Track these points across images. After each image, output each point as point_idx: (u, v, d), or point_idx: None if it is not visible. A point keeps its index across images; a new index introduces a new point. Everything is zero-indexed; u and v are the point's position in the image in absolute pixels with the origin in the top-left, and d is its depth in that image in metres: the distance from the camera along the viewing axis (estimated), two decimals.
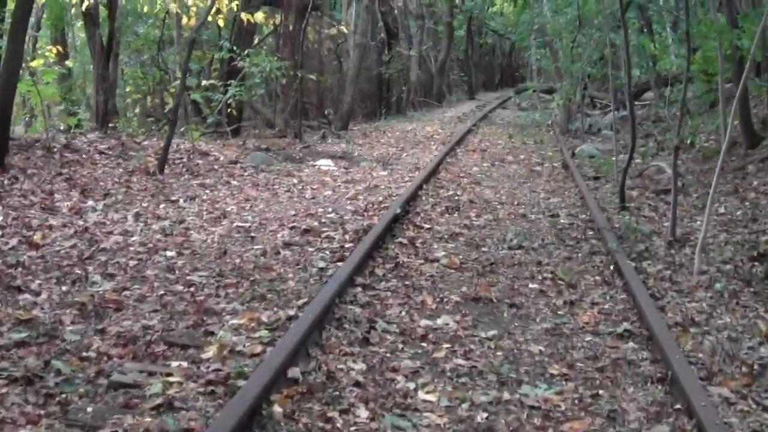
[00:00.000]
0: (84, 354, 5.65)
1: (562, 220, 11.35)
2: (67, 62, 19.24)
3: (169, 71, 22.69)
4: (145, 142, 15.90)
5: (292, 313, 6.54)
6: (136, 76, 21.35)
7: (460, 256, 9.05)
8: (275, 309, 6.75)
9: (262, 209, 11.15)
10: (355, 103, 27.87)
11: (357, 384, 5.41)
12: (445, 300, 7.46)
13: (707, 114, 22.08)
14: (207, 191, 12.37)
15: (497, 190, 13.91)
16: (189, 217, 10.45)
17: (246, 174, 14.28)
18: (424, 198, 12.32)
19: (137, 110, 22.36)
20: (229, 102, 18.46)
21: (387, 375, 5.62)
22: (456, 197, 12.72)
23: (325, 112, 23.37)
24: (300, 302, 6.87)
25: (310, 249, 8.88)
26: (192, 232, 9.63)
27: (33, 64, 15.72)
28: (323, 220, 10.30)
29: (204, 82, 18.54)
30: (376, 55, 30.47)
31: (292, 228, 9.88)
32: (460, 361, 5.99)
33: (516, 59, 61.34)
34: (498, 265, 8.81)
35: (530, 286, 8.11)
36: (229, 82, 18.42)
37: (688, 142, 12.94)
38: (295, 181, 13.87)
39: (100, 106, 19.31)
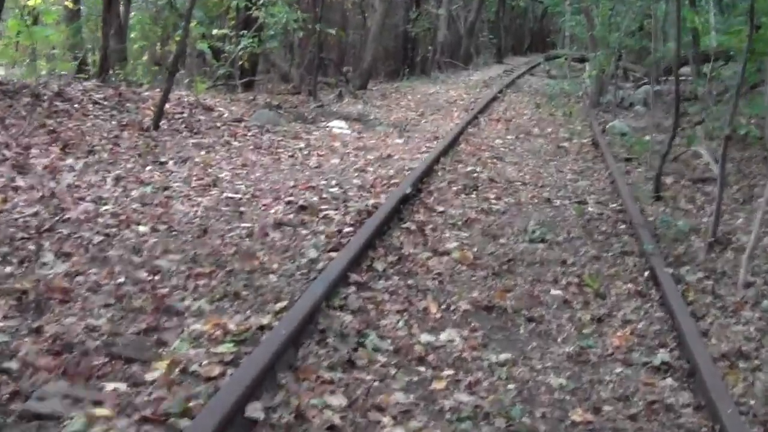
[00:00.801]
0: (4, 365, 4.57)
1: (590, 209, 10.23)
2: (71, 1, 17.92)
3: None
4: (146, 93, 14.79)
5: (265, 321, 5.46)
6: (143, 20, 20.10)
7: (475, 249, 7.96)
8: (248, 313, 5.69)
9: (259, 177, 10.07)
10: (378, 61, 26.69)
11: (332, 428, 4.32)
12: (453, 308, 6.37)
13: (747, 96, 20.84)
14: (202, 152, 11.28)
15: (521, 167, 12.76)
16: (175, 183, 9.38)
17: (249, 134, 13.18)
18: (440, 174, 11.20)
19: (145, 57, 21.16)
20: (241, 54, 17.28)
21: (371, 415, 4.53)
22: (475, 174, 11.59)
23: (344, 69, 22.15)
24: (278, 306, 5.79)
25: (304, 232, 7.80)
26: (175, 201, 8.56)
27: (31, 2, 14.53)
28: (324, 195, 9.21)
29: (215, 31, 17.36)
30: (402, 11, 29.20)
31: (288, 203, 8.81)
32: (463, 397, 4.90)
33: (548, 24, 59.64)
34: (517, 263, 7.71)
35: (552, 292, 7.01)
36: (242, 33, 17.23)
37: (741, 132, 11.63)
38: (302, 145, 12.77)
39: (104, 51, 18.14)
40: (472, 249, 7.93)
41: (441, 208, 9.29)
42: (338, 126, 15.60)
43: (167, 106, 13.96)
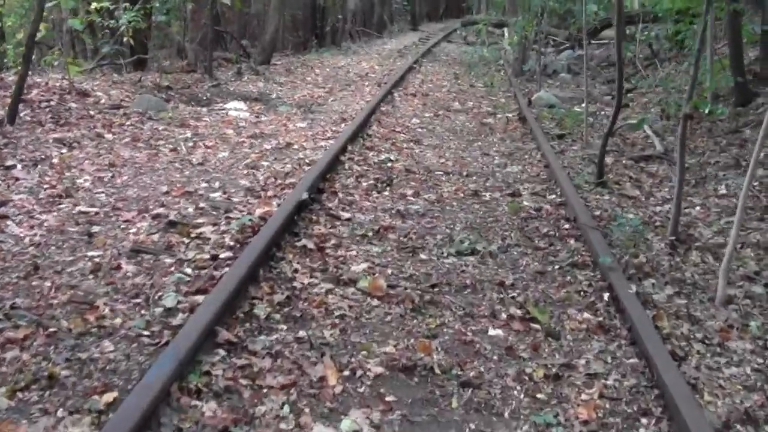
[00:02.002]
0: None
1: (525, 203, 8.63)
2: None
3: None
4: (12, 78, 12.78)
5: None
6: None
7: (389, 271, 6.27)
8: (59, 414, 3.90)
9: (126, 182, 8.24)
10: (286, 32, 24.81)
11: None
12: (359, 373, 4.67)
13: (677, 61, 19.46)
14: (64, 150, 9.41)
15: (441, 152, 11.10)
16: (18, 194, 7.53)
17: (128, 123, 11.30)
18: (347, 166, 9.47)
19: (21, 36, 18.93)
20: (124, 30, 15.25)
21: None
22: (389, 164, 9.90)
23: (243, 43, 20.21)
24: (105, 400, 4.00)
25: (168, 261, 6.02)
26: (10, 222, 6.70)
27: None
28: (202, 205, 7.44)
29: (94, 5, 15.31)
30: None
31: (155, 217, 7.04)
32: None
33: None
34: (442, 289, 6.05)
35: (491, 333, 5.36)
36: (125, 6, 15.23)
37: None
38: (188, 134, 10.93)
39: None
40: (385, 272, 6.23)
41: (347, 215, 7.56)
42: (235, 108, 13.78)
43: (34, 93, 12.08)
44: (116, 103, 12.41)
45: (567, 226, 7.83)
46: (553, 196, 8.97)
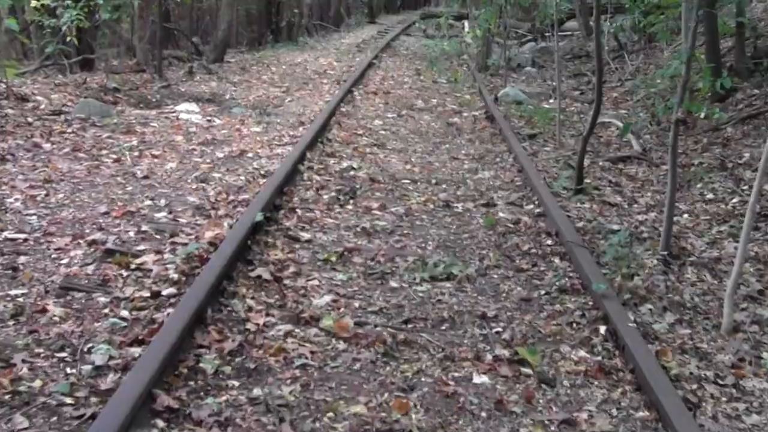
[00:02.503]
0: None
1: (501, 214, 7.94)
2: None
3: None
4: None
5: None
6: None
7: (356, 304, 5.53)
8: None
9: (62, 200, 7.42)
10: (240, 27, 23.98)
11: None
12: None
13: (645, 53, 18.86)
14: None
15: (407, 156, 10.38)
16: None
17: (69, 131, 10.46)
18: (306, 176, 8.70)
19: None
20: (67, 29, 14.36)
21: None
22: (351, 172, 9.16)
23: (193, 40, 19.34)
24: None
25: (102, 300, 5.22)
26: None
27: None
28: (145, 228, 6.63)
29: (33, 3, 14.41)
30: None
31: (91, 244, 6.22)
32: None
33: None
34: (417, 325, 5.32)
35: (476, 380, 4.64)
36: (66, 3, 14.31)
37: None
38: (134, 142, 10.11)
39: None
40: (351, 305, 5.48)
41: (307, 235, 6.80)
42: (186, 110, 12.96)
43: None
44: (57, 109, 11.56)
45: (549, 241, 7.15)
46: (531, 206, 8.29)
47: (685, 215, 8.33)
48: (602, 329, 5.29)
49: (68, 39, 14.57)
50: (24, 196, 7.43)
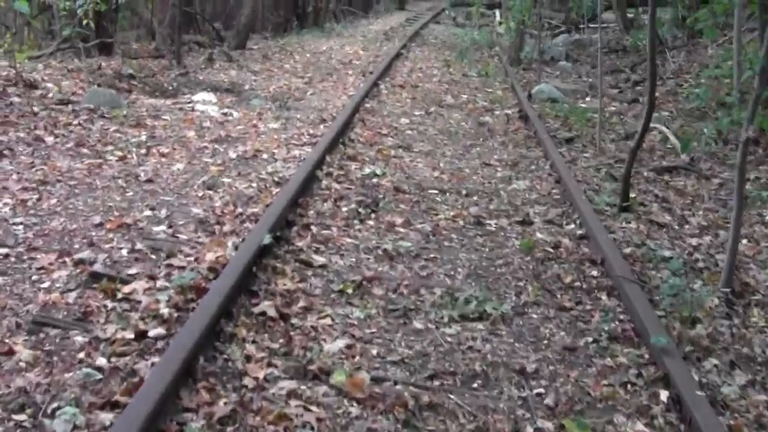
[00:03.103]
0: None
1: (539, 235, 7.15)
2: None
3: None
4: None
5: None
6: None
7: (373, 351, 4.77)
8: None
9: (54, 207, 6.69)
10: (265, 11, 23.16)
11: None
12: None
13: (688, 50, 17.92)
14: None
15: (435, 161, 9.60)
16: None
17: (75, 123, 9.73)
18: (324, 184, 7.91)
19: None
20: (84, 11, 13.62)
21: None
22: (374, 179, 8.37)
23: (215, 25, 18.55)
24: None
25: (79, 341, 4.47)
26: None
27: None
28: (140, 246, 5.88)
29: None
30: None
31: (78, 264, 5.48)
32: None
33: None
34: (445, 382, 4.55)
35: None
36: None
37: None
38: (143, 137, 9.37)
39: None
40: (368, 353, 4.69)
41: (321, 259, 6.01)
42: (203, 100, 12.24)
43: None
44: (66, 98, 10.84)
45: (595, 272, 6.34)
46: (572, 225, 7.47)
47: (744, 240, 7.48)
48: (663, 395, 4.47)
49: (84, 22, 13.78)
50: (14, 201, 6.72)
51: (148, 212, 6.66)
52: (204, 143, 9.36)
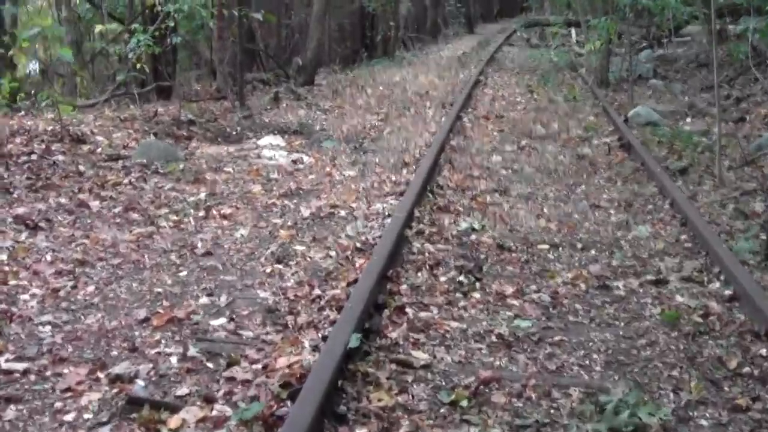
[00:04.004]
0: None
1: (680, 298, 5.97)
2: None
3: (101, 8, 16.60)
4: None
5: None
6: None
7: None
8: None
9: (91, 297, 5.55)
10: (333, 43, 22.10)
11: None
12: None
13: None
14: (23, 236, 6.73)
15: (537, 205, 8.32)
16: None
17: (125, 182, 8.65)
18: (415, 246, 6.70)
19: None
20: (138, 56, 12.62)
21: None
22: (473, 235, 7.11)
23: (277, 62, 17.44)
24: None
25: None
26: None
27: None
28: (193, 352, 4.68)
29: (99, 28, 12.67)
30: None
31: (113, 381, 4.28)
32: None
33: None
34: None
35: None
36: (133, 27, 12.56)
37: None
38: (202, 195, 8.24)
39: None
40: None
41: (423, 356, 4.76)
42: (270, 144, 11.13)
43: (17, 141, 9.50)
44: (116, 153, 9.76)
45: (764, 350, 4.94)
46: (716, 283, 6.10)
47: None
48: None
49: (138, 66, 12.77)
50: (44, 290, 5.58)
51: (204, 299, 5.45)
52: (272, 199, 8.20)
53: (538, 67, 21.84)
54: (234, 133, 12.06)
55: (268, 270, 6.03)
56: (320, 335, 4.76)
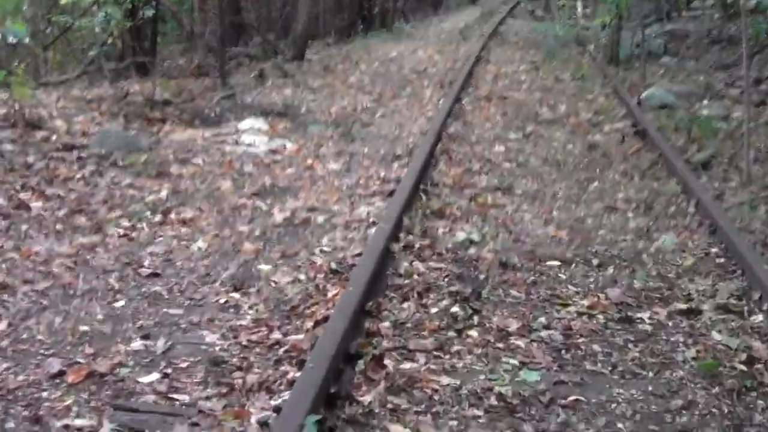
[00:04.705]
0: None
1: (716, 335, 5.01)
2: None
3: None
4: None
5: None
6: None
7: None
8: None
9: (0, 336, 4.41)
10: (328, 14, 20.98)
11: None
12: None
13: None
14: None
15: (546, 207, 7.32)
16: None
17: (78, 176, 7.60)
18: (403, 265, 5.68)
19: None
20: (110, 32, 11.53)
21: None
22: (471, 249, 6.09)
23: (264, 36, 16.31)
24: None
25: None
26: None
27: None
28: (106, 428, 3.55)
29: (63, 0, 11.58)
30: None
31: None
32: None
33: None
34: None
35: None
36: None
37: None
38: (163, 193, 7.23)
39: None
40: None
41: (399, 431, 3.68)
42: (251, 128, 10.12)
43: None
44: (73, 141, 8.66)
45: None
46: (758, 315, 5.07)
47: None
48: None
49: (109, 41, 11.67)
50: None
51: (138, 343, 4.41)
52: (242, 198, 7.18)
53: (543, 42, 20.70)
54: (213, 114, 11.00)
55: (223, 300, 4.99)
56: (272, 403, 3.71)
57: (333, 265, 5.50)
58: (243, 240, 6.10)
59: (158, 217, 6.63)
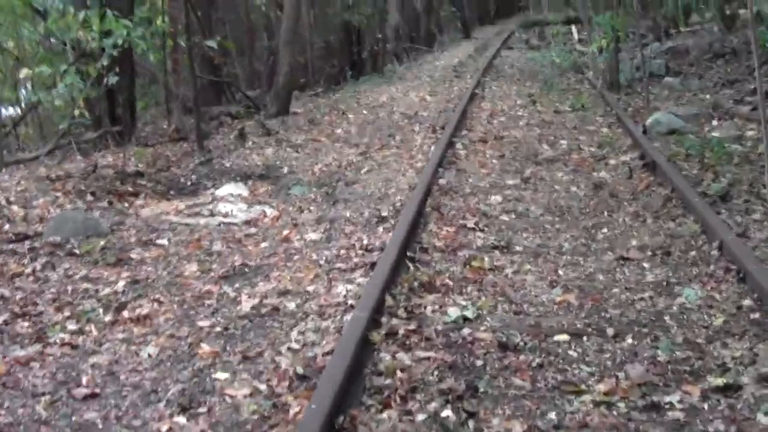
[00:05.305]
0: None
1: (763, 420, 3.87)
2: None
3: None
4: None
5: None
6: None
7: None
8: None
9: None
10: (319, 61, 20.39)
11: None
12: None
13: None
14: None
15: (550, 266, 6.51)
16: None
17: (28, 270, 6.86)
18: (383, 360, 4.82)
19: None
20: (72, 98, 10.81)
21: None
22: (465, 330, 5.26)
23: (245, 93, 15.56)
24: None
25: None
26: None
27: None
28: None
29: (24, 72, 10.84)
30: None
31: None
32: None
33: None
34: None
35: None
36: (64, 69, 10.74)
37: None
38: (120, 285, 6.45)
39: None
40: None
41: None
42: (230, 196, 9.37)
43: None
44: (26, 229, 7.90)
45: None
46: None
47: None
48: None
49: (77, 113, 10.94)
50: None
51: None
52: (208, 284, 6.36)
53: (539, 71, 19.93)
54: (189, 183, 10.28)
55: (165, 429, 4.12)
56: None
57: (301, 367, 4.64)
58: (201, 339, 5.26)
59: (109, 316, 5.80)
